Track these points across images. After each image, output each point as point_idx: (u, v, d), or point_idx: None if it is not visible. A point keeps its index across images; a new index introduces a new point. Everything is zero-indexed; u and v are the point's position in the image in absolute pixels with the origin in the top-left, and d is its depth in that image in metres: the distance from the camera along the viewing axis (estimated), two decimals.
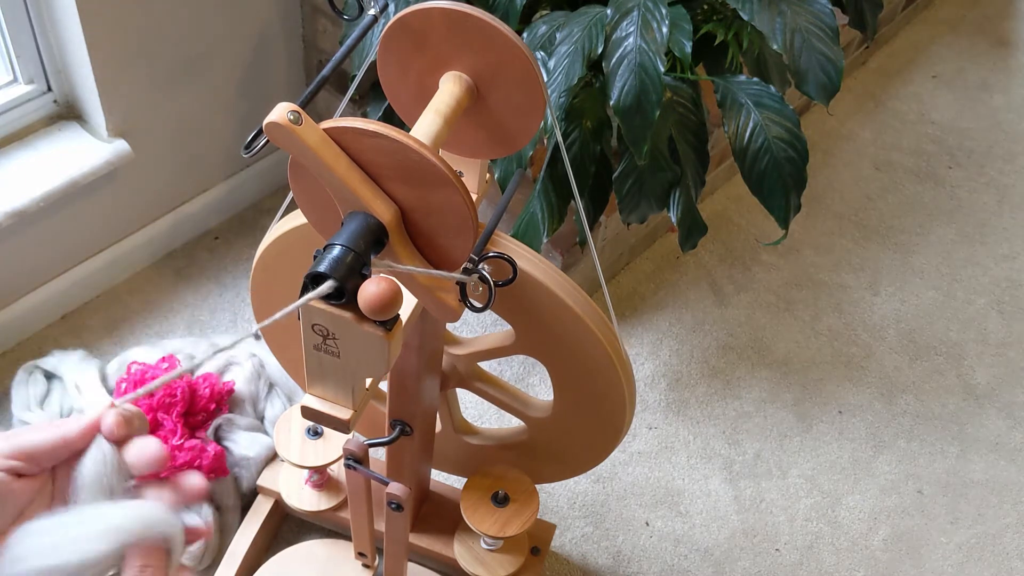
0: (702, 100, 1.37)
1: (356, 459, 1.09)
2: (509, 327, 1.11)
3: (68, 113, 1.60)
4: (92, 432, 0.64)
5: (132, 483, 0.65)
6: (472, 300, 0.86)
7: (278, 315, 0.68)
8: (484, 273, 0.85)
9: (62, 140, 1.56)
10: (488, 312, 1.52)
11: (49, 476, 0.63)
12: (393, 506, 1.09)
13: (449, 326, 1.21)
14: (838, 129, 2.30)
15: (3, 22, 1.45)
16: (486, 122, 0.91)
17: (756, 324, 1.85)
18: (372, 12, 0.92)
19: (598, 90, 1.32)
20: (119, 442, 0.64)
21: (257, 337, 1.48)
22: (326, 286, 0.71)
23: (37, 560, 0.58)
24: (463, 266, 0.84)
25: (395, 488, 1.07)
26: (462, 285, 0.85)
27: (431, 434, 1.27)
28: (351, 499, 1.21)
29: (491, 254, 0.93)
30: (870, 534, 1.58)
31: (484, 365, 1.24)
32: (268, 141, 0.75)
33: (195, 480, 0.67)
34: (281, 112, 0.71)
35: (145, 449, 0.65)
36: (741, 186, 1.50)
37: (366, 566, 1.38)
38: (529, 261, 0.99)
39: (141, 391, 0.66)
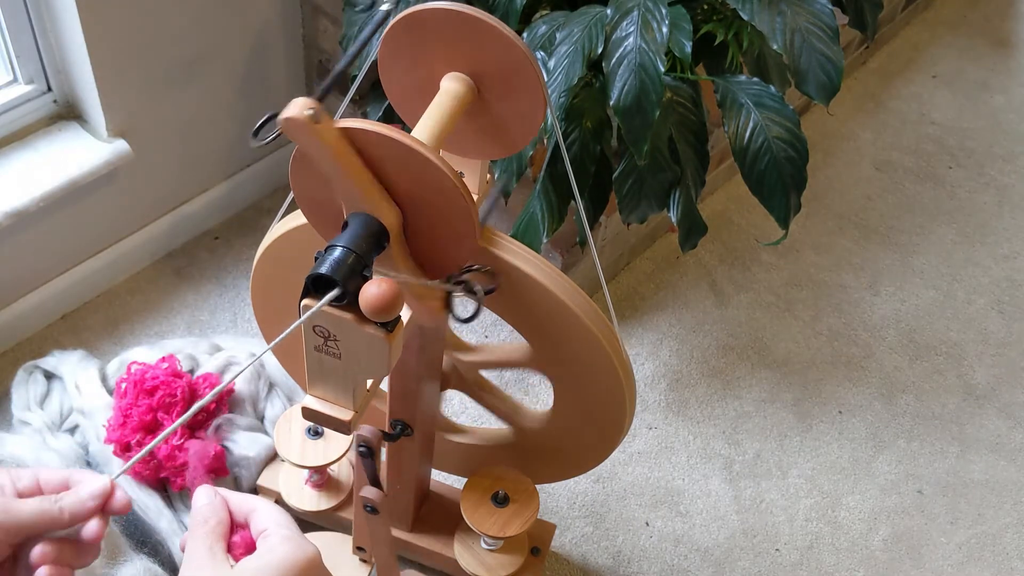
0: (702, 100, 1.37)
1: (369, 447, 1.06)
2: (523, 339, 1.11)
3: (68, 113, 1.60)
4: (90, 515, 0.62)
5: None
6: (460, 307, 0.85)
7: (286, 332, 0.68)
8: (469, 282, 0.85)
9: (62, 140, 1.56)
10: (488, 313, 1.51)
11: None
12: (368, 509, 1.07)
13: (455, 328, 1.20)
14: (838, 129, 2.30)
15: (3, 22, 1.45)
16: (486, 122, 0.91)
17: (756, 324, 1.85)
18: (385, 7, 0.92)
19: (598, 90, 1.32)
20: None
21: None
22: (333, 294, 0.71)
23: None
24: (448, 275, 0.83)
25: (368, 492, 1.03)
26: (447, 295, 0.85)
27: (431, 434, 1.27)
28: (356, 491, 1.21)
29: (473, 267, 0.91)
30: (870, 534, 1.58)
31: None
32: (278, 134, 0.74)
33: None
34: (300, 107, 0.71)
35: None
36: (741, 186, 1.50)
37: (364, 561, 1.37)
38: (529, 262, 0.99)
39: (143, 452, 0.67)
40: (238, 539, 0.64)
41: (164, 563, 1.33)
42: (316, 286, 0.73)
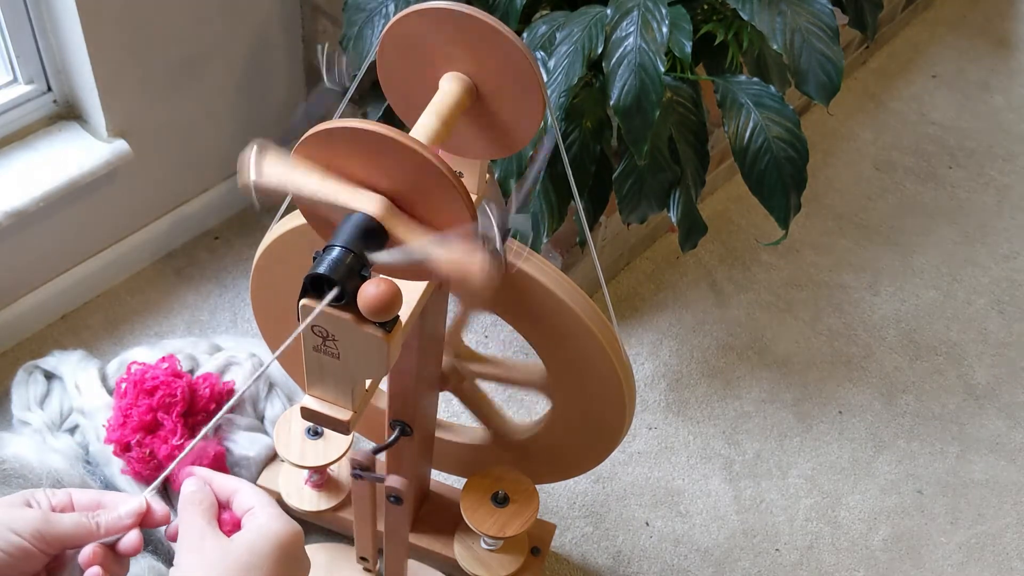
0: (702, 100, 1.37)
1: (363, 467, 1.08)
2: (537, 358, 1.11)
3: (68, 113, 1.60)
4: (126, 530, 0.66)
5: None
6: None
7: (289, 340, 0.69)
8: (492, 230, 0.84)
9: (62, 140, 1.56)
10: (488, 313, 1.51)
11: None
12: (392, 499, 1.08)
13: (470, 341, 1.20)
14: (838, 129, 2.30)
15: (3, 22, 1.45)
16: (486, 122, 0.91)
17: (756, 324, 1.85)
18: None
19: (598, 90, 1.32)
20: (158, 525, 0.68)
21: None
22: (332, 294, 0.71)
23: None
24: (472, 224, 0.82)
25: (393, 480, 1.06)
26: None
27: (431, 434, 1.27)
28: (356, 504, 1.21)
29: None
30: (870, 534, 1.58)
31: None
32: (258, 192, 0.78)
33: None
34: (243, 175, 0.74)
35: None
36: (741, 186, 1.50)
37: (367, 570, 1.37)
38: (529, 262, 0.99)
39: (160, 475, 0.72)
40: (227, 516, 0.68)
41: (165, 560, 1.34)
42: (314, 286, 0.73)
